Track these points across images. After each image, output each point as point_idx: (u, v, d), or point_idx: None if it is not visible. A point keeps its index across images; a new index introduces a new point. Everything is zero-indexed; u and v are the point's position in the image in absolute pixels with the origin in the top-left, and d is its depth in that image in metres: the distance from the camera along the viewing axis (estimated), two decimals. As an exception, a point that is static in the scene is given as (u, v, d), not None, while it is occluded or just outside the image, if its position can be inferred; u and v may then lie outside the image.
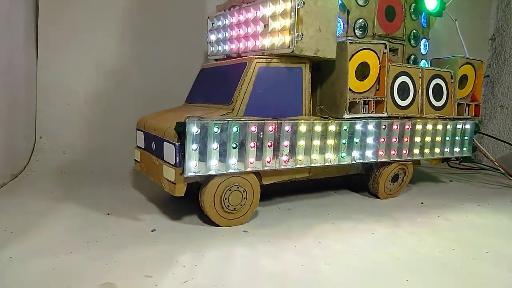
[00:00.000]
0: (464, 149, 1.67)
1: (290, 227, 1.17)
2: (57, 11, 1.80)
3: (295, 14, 1.12)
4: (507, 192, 1.74)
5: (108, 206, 1.29)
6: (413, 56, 1.65)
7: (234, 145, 1.12)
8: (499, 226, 1.28)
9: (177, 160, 1.07)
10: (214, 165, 1.10)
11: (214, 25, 1.53)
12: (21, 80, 1.68)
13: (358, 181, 1.66)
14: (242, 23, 1.35)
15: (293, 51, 1.15)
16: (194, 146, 1.06)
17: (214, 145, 1.09)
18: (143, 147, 1.33)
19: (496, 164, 1.94)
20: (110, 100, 1.92)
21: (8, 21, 1.54)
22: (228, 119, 1.09)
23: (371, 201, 1.50)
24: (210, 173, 1.10)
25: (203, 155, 1.07)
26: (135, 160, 1.40)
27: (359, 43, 1.29)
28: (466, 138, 1.66)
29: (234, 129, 1.11)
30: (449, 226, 1.25)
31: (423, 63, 1.69)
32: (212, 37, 1.56)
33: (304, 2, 1.12)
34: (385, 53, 1.35)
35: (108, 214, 1.22)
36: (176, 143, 1.06)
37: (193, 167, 1.06)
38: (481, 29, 2.41)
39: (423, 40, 1.71)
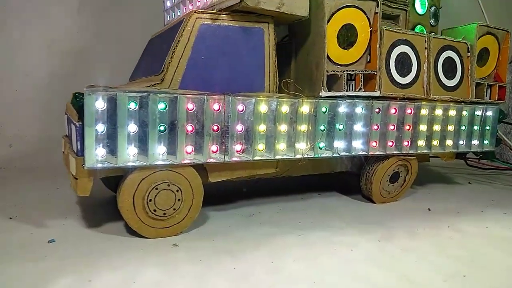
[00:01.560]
0: (485, 142, 1.33)
1: (240, 240, 0.87)
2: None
3: (242, -51, 0.83)
4: (541, 197, 1.39)
5: (21, 208, 1.03)
6: (419, 26, 1.32)
7: (162, 128, 0.83)
8: (533, 242, 0.94)
9: (79, 147, 0.78)
10: (131, 155, 0.81)
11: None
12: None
13: (353, 183, 1.33)
14: (192, -23, 1.07)
15: (243, 3, 0.85)
16: (100, 127, 0.77)
17: (132, 127, 0.80)
18: (67, 134, 1.06)
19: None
20: (66, 84, 1.66)
21: None
22: (149, 92, 0.80)
23: (363, 206, 1.18)
24: (125, 165, 0.81)
25: (114, 141, 0.79)
26: (62, 152, 1.12)
27: (340, -2, 0.98)
28: (487, 128, 1.32)
29: (161, 105, 0.82)
30: (461, 241, 0.92)
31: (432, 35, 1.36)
32: (168, 3, 1.28)
33: None
34: (377, 13, 1.03)
35: (10, 218, 0.95)
36: (77, 123, 0.78)
37: (98, 155, 0.78)
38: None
39: (433, 8, 1.38)
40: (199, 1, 1.03)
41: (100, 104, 0.76)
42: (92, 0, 1.66)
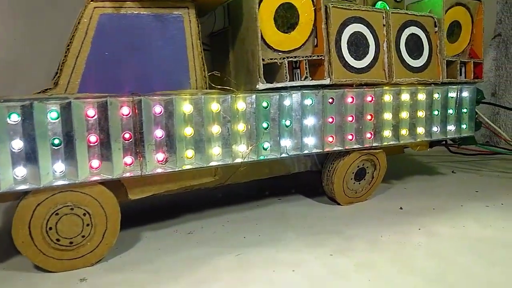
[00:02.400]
0: (463, 126, 1.18)
1: (163, 268, 0.73)
2: None
3: None
4: (531, 183, 1.24)
5: None
6: (380, 2, 1.17)
7: (57, 141, 0.69)
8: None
9: (-49, 172, 0.65)
10: (19, 176, 0.67)
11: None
12: None
13: (319, 182, 1.18)
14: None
15: (143, -18, 0.71)
16: (-28, 146, 0.63)
17: (16, 144, 0.66)
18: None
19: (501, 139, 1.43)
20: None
21: None
22: (31, 100, 0.66)
23: (326, 209, 1.04)
24: (14, 189, 0.67)
25: (-8, 161, 0.65)
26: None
27: (271, -29, 0.84)
28: (464, 111, 1.17)
29: (53, 114, 0.68)
30: (430, 248, 0.78)
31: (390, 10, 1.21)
32: None
33: None
34: (319, -13, 0.89)
35: None
36: None
37: (-26, 181, 0.64)
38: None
39: (397, -19, 1.23)
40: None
41: (-33, 119, 0.63)
42: (24, 3, 1.51)
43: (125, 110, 0.73)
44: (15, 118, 0.66)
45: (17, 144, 0.67)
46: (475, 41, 1.20)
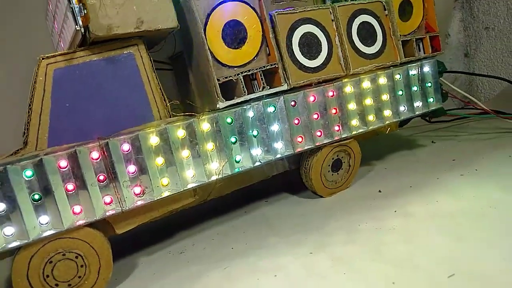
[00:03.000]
0: (430, 100, 1.22)
1: (158, 291, 0.78)
2: None
3: (66, -24, 0.72)
4: (506, 141, 1.28)
5: None
6: (330, -5, 1.20)
7: (37, 196, 0.74)
8: (481, 210, 0.84)
9: None
10: (8, 235, 0.72)
11: (48, 25, 1.15)
12: None
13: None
14: (54, 12, 0.96)
15: (91, 34, 0.75)
16: (-42, 218, 0.69)
17: (-2, 206, 0.71)
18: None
19: (481, 107, 1.46)
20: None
21: None
22: (4, 165, 0.71)
23: (309, 205, 1.08)
24: (6, 247, 0.72)
25: (-21, 227, 0.70)
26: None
27: (211, -7, 0.87)
28: (428, 85, 1.21)
29: (28, 173, 0.73)
30: (402, 230, 0.82)
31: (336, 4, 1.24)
32: (53, 40, 1.18)
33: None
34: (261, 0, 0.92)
35: None
36: None
37: (-33, 248, 0.70)
38: None
39: (344, -31, 1.25)
40: (63, 38, 0.93)
41: None
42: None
43: (95, 155, 0.78)
44: (-7, 183, 0.71)
45: (2, 205, 0.72)
46: (428, 15, 1.22)
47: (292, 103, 0.99)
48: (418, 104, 1.19)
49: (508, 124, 1.41)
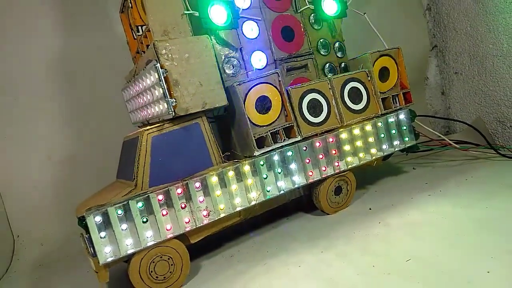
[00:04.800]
0: (406, 139, 1.64)
1: (222, 282, 1.19)
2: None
3: (163, 83, 1.16)
4: (467, 167, 1.69)
5: None
6: (327, 64, 1.64)
7: (144, 219, 1.16)
8: (436, 220, 1.24)
9: (92, 251, 1.12)
10: (128, 244, 1.14)
11: (125, 96, 1.60)
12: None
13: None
14: (138, 93, 1.41)
15: (175, 115, 1.19)
16: (102, 234, 1.11)
17: (123, 226, 1.14)
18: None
19: (441, 142, 1.89)
20: (67, 188, 2.02)
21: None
22: (127, 200, 1.13)
23: (318, 220, 1.49)
24: (127, 253, 1.14)
25: (113, 239, 1.12)
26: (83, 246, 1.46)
27: (248, 81, 1.31)
28: (404, 128, 1.63)
29: (139, 204, 1.15)
30: (383, 235, 1.23)
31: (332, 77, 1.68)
32: (128, 106, 1.62)
33: (167, 70, 1.16)
34: (280, 80, 1.36)
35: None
36: (85, 235, 1.12)
37: (107, 253, 1.11)
38: (414, 2, 2.36)
39: (337, 43, 1.69)
40: (148, 112, 1.37)
41: (98, 219, 1.10)
42: (74, 115, 2.01)
43: (179, 190, 1.21)
44: (119, 211, 1.13)
45: (124, 226, 1.14)
46: (401, 75, 1.65)
47: (304, 148, 1.41)
48: (396, 142, 1.61)
49: (472, 153, 1.82)
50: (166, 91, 1.16)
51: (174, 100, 1.17)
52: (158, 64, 1.15)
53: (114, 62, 2.03)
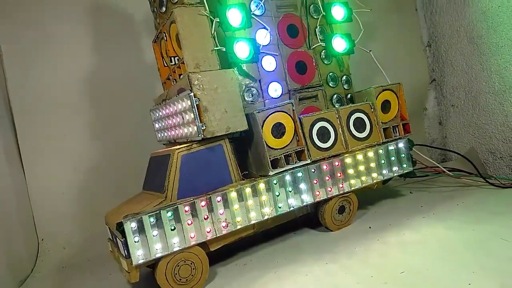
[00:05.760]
0: (404, 165, 1.81)
1: (236, 286, 1.34)
2: (33, 129, 2.11)
3: (195, 109, 1.34)
4: (459, 194, 1.85)
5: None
6: (335, 95, 1.83)
7: (172, 227, 1.32)
8: (428, 239, 1.40)
9: (126, 253, 1.28)
10: (158, 249, 1.30)
11: (153, 116, 1.78)
12: (10, 194, 1.95)
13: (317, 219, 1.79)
14: (168, 115, 1.59)
15: (202, 137, 1.37)
16: (136, 238, 1.27)
17: (154, 232, 1.30)
18: (111, 239, 1.56)
19: (436, 169, 2.07)
20: (91, 197, 2.18)
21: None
22: (159, 209, 1.30)
23: (323, 236, 1.65)
24: (156, 256, 1.30)
25: (145, 243, 1.28)
26: (110, 250, 1.62)
27: (266, 110, 1.49)
28: (402, 155, 1.80)
29: (169, 214, 1.32)
30: (381, 251, 1.39)
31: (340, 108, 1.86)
32: (156, 125, 1.80)
33: (199, 98, 1.34)
34: (294, 110, 1.54)
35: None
36: (122, 239, 1.28)
37: (139, 255, 1.28)
38: (416, 39, 2.56)
39: (345, 77, 1.88)
40: (176, 132, 1.55)
41: (133, 225, 1.27)
42: (100, 130, 2.20)
43: (203, 203, 1.37)
44: (152, 219, 1.30)
45: (155, 232, 1.30)
46: (401, 108, 1.84)
47: (313, 170, 1.58)
48: (395, 168, 1.78)
49: (464, 181, 1.99)
50: (197, 116, 1.34)
51: (203, 124, 1.35)
52: (192, 94, 1.34)
53: (140, 84, 2.23)
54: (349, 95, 1.88)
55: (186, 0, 1.44)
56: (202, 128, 1.35)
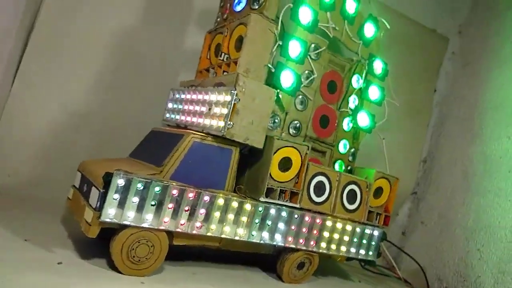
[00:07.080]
0: (370, 253, 1.85)
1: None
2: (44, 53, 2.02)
3: (231, 106, 1.35)
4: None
5: (29, 233, 1.39)
6: (339, 161, 1.89)
7: (153, 203, 1.27)
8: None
9: (98, 205, 1.20)
10: (129, 217, 1.24)
11: (173, 96, 1.76)
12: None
13: (272, 263, 1.77)
14: (193, 101, 1.58)
15: (223, 135, 1.37)
16: (116, 196, 1.21)
17: (134, 199, 1.24)
18: (77, 187, 1.46)
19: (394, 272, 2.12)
20: (68, 138, 2.07)
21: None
22: (152, 179, 1.26)
23: (272, 283, 1.62)
24: (124, 222, 1.23)
25: (122, 205, 1.22)
26: (67, 197, 1.51)
27: (285, 140, 1.52)
28: (373, 243, 1.85)
29: (157, 188, 1.27)
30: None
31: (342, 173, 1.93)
32: (170, 105, 1.78)
33: (239, 99, 1.36)
34: (307, 153, 1.58)
35: (25, 240, 1.32)
36: (101, 190, 1.21)
37: (110, 214, 1.20)
38: (416, 150, 2.74)
39: (352, 149, 1.97)
40: (192, 119, 1.53)
41: (121, 182, 1.21)
42: (110, 81, 2.14)
43: (191, 195, 1.34)
44: (140, 185, 1.24)
45: (135, 199, 1.24)
46: (389, 201, 1.92)
47: (296, 216, 1.59)
48: (362, 251, 1.82)
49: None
50: (230, 114, 1.35)
51: (232, 123, 1.35)
52: (236, 91, 1.35)
53: (165, 65, 2.22)
54: (349, 167, 1.95)
55: (266, 12, 1.50)
56: (229, 126, 1.35)
